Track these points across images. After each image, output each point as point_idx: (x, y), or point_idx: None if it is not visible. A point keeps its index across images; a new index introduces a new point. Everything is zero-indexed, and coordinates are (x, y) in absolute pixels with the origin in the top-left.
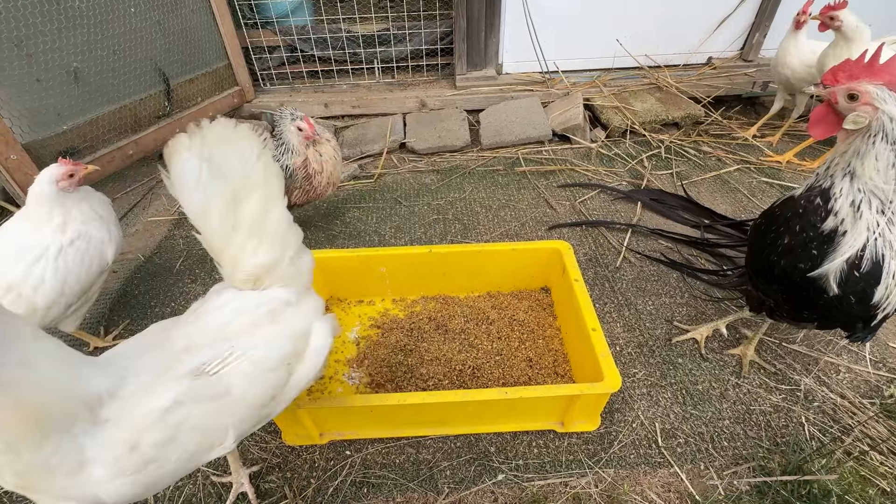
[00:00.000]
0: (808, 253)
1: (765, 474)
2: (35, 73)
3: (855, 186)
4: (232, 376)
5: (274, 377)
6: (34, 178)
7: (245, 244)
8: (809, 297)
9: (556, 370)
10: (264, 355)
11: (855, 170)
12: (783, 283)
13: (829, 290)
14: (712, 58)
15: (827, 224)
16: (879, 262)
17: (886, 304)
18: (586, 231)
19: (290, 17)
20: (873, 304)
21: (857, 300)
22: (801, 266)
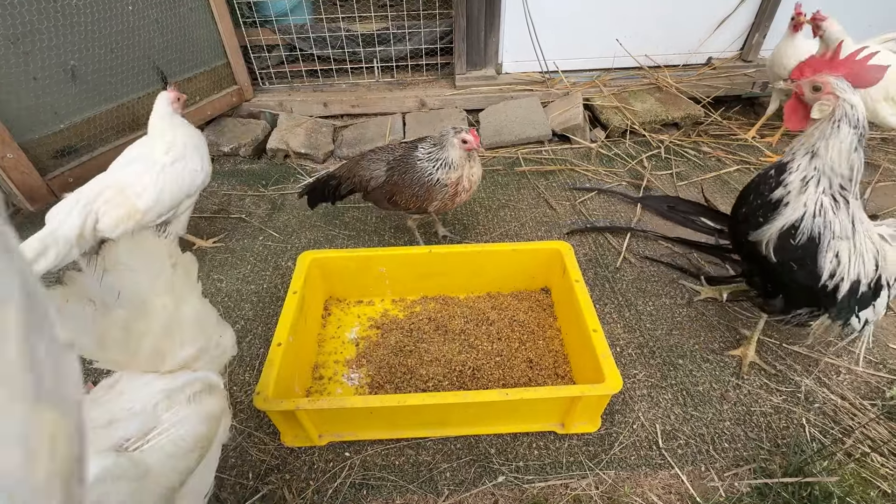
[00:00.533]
0: (755, 220)
1: (766, 476)
2: (31, 71)
3: (812, 165)
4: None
5: (192, 457)
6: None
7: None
8: (762, 266)
9: (557, 371)
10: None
11: (818, 150)
12: (742, 252)
13: (769, 257)
14: (712, 58)
15: (775, 194)
16: (815, 238)
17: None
18: (586, 231)
19: (289, 15)
20: (819, 274)
21: (798, 267)
22: (748, 231)
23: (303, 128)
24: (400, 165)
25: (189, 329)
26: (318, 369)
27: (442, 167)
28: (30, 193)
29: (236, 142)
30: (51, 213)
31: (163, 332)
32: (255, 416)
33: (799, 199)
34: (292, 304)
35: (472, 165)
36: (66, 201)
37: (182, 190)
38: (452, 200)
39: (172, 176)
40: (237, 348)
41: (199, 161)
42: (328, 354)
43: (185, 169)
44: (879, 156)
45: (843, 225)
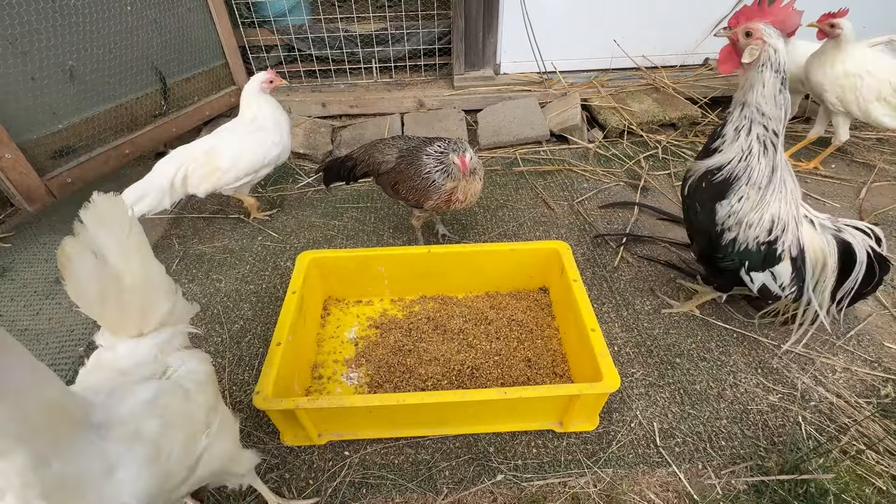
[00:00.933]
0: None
1: (762, 473)
2: (30, 71)
3: (743, 114)
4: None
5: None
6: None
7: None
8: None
9: (555, 370)
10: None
11: (747, 99)
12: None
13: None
14: (709, 59)
15: (714, 144)
16: (731, 180)
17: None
18: (584, 231)
19: (288, 16)
20: (716, 219)
21: (701, 209)
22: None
23: (301, 128)
24: (409, 156)
25: (161, 287)
26: (317, 369)
27: (443, 172)
28: (28, 194)
29: None
30: (155, 166)
31: (144, 289)
32: (254, 416)
33: (732, 147)
34: (291, 303)
35: (472, 181)
36: (167, 157)
37: (258, 158)
38: (447, 204)
39: (251, 145)
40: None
41: (277, 135)
42: (327, 354)
43: (263, 140)
44: (875, 156)
45: (761, 172)
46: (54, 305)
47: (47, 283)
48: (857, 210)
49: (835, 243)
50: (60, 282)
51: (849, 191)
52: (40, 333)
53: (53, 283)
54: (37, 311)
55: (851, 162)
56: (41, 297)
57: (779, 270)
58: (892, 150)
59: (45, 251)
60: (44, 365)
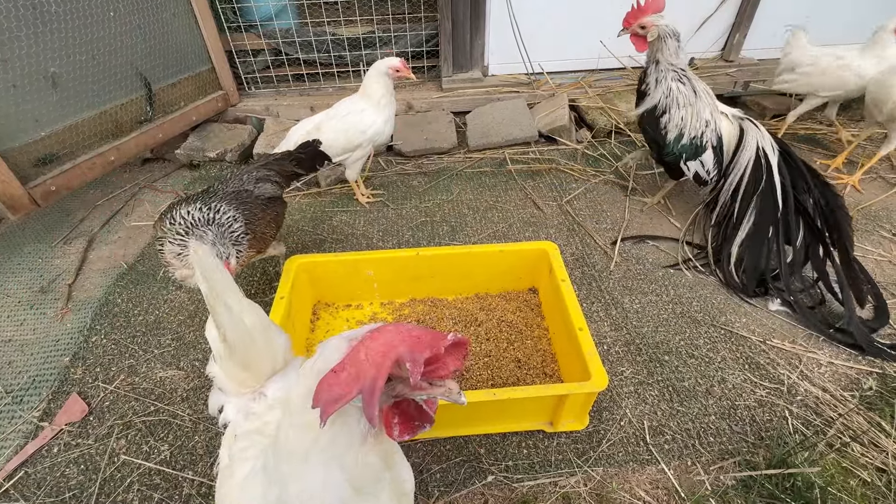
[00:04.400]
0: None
1: (750, 468)
2: (11, 78)
3: (659, 68)
4: None
5: None
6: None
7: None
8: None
9: (545, 370)
10: None
11: (658, 58)
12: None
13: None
14: (694, 58)
15: (642, 88)
16: (664, 109)
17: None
18: (573, 231)
19: (275, 20)
20: (660, 127)
21: (651, 129)
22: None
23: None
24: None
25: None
26: None
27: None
28: (11, 202)
29: (222, 147)
30: (291, 129)
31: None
32: None
33: (656, 91)
34: (280, 309)
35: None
36: (302, 122)
37: (355, 137)
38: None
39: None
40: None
41: (375, 117)
42: None
43: (360, 120)
44: (857, 152)
45: (686, 96)
46: (38, 315)
47: (31, 292)
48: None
49: (738, 129)
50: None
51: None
52: (25, 344)
53: (38, 292)
54: (21, 322)
55: (834, 159)
56: (25, 307)
57: (705, 158)
58: (875, 146)
59: (28, 261)
60: None
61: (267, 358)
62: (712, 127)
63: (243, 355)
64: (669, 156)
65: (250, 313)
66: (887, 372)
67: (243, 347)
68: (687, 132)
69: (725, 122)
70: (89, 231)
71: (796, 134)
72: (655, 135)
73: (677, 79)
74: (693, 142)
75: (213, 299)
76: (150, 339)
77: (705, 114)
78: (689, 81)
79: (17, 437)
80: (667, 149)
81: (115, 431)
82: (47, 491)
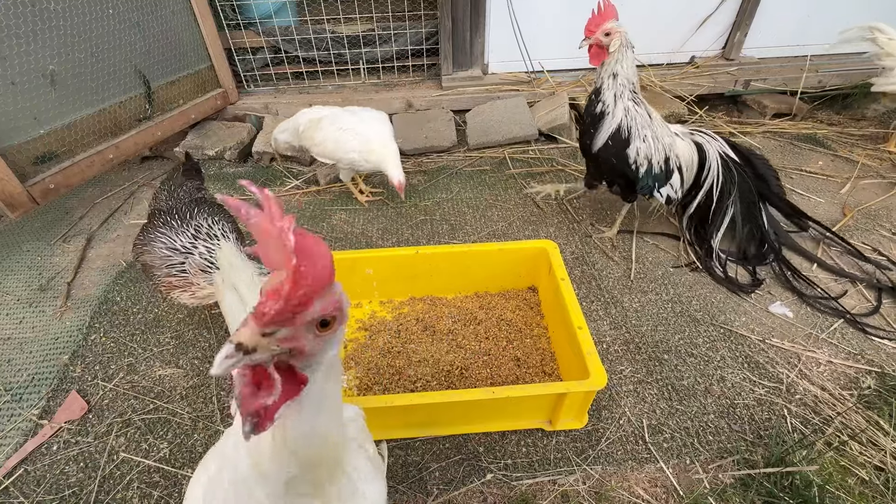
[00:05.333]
0: (588, 131)
1: (748, 467)
2: (9, 76)
3: (617, 82)
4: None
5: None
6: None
7: None
8: (602, 165)
9: (544, 369)
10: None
11: (617, 72)
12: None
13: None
14: (695, 57)
15: (597, 109)
16: (630, 132)
17: (639, 160)
18: (573, 230)
19: (274, 18)
20: (630, 162)
21: (618, 161)
22: (588, 141)
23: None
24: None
25: None
26: None
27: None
28: (9, 201)
29: (221, 145)
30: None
31: None
32: None
33: (616, 109)
34: None
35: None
36: (307, 109)
37: (338, 150)
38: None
39: (335, 136)
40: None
41: (357, 144)
42: None
43: (345, 141)
44: (858, 152)
45: (644, 118)
46: (38, 313)
47: (31, 290)
48: (841, 205)
49: (693, 145)
50: (43, 290)
51: (833, 186)
52: (24, 342)
53: (37, 290)
54: (20, 320)
55: (836, 158)
56: (24, 305)
57: (673, 181)
58: (875, 146)
59: (28, 258)
60: None
61: None
62: (674, 150)
63: None
64: (644, 189)
65: None
66: (886, 371)
67: None
68: (655, 160)
69: (679, 142)
70: (88, 229)
71: (798, 134)
72: (625, 169)
73: (632, 98)
74: (661, 168)
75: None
76: (149, 338)
77: (665, 137)
78: (642, 103)
79: (16, 434)
80: (640, 182)
81: (114, 429)
82: (47, 488)
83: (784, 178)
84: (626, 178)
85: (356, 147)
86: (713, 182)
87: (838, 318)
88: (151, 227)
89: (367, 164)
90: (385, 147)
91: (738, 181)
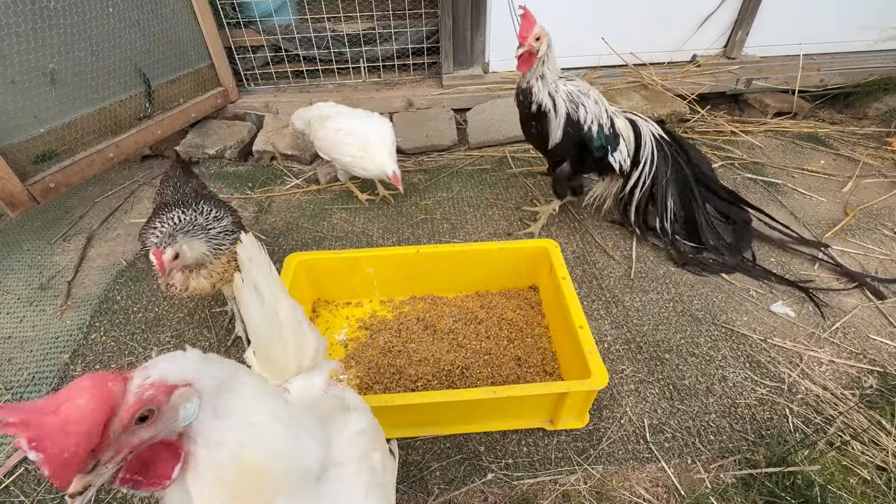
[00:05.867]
0: (530, 125)
1: (750, 467)
2: (9, 74)
3: (546, 81)
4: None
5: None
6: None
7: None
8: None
9: (545, 368)
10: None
11: (544, 73)
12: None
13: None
14: (697, 55)
15: (533, 109)
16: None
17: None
18: (574, 229)
19: (274, 16)
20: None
21: (574, 132)
22: (534, 132)
23: (289, 129)
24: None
25: (304, 320)
26: None
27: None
28: (10, 199)
29: (222, 144)
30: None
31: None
32: None
33: (557, 103)
34: None
35: (192, 277)
36: (319, 104)
37: (334, 151)
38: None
39: (333, 137)
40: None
41: (355, 150)
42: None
43: (342, 143)
44: (860, 150)
45: (581, 90)
46: (38, 312)
47: (31, 289)
48: (843, 204)
49: (628, 123)
50: (44, 289)
51: (835, 185)
52: (24, 341)
53: (37, 289)
54: (21, 319)
55: (837, 157)
56: (25, 303)
57: (621, 149)
58: (877, 146)
59: (28, 257)
60: None
61: (293, 356)
62: (611, 116)
63: (267, 348)
64: (599, 150)
65: (285, 307)
66: (888, 370)
67: (267, 339)
68: (603, 122)
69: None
70: (88, 228)
71: (800, 133)
72: (582, 135)
73: (566, 81)
74: (609, 130)
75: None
76: (149, 337)
77: (603, 103)
78: (573, 78)
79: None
80: (595, 142)
81: None
82: (47, 487)
83: (786, 176)
84: (580, 146)
85: (353, 152)
86: (648, 159)
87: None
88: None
89: (364, 172)
90: (381, 155)
91: (672, 162)
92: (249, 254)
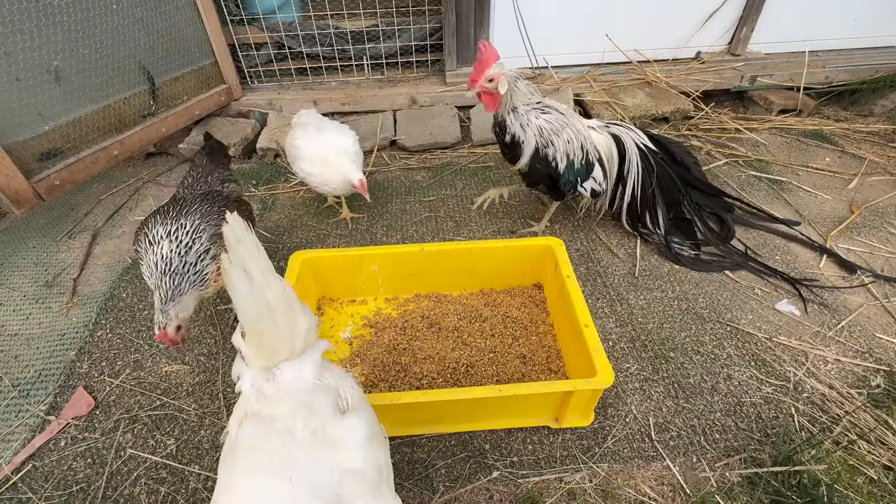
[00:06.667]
0: (508, 153)
1: (756, 465)
2: (14, 72)
3: (519, 113)
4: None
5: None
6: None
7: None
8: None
9: (550, 366)
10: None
11: (516, 105)
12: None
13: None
14: (701, 52)
15: (507, 139)
16: (546, 152)
17: (558, 156)
18: (578, 227)
19: (278, 13)
20: (550, 161)
21: (542, 167)
22: (510, 159)
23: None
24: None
25: (294, 303)
26: None
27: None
28: (15, 197)
29: (225, 141)
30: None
31: (284, 305)
32: None
33: (528, 136)
34: None
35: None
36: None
37: (293, 163)
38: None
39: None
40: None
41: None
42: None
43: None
44: (866, 148)
45: (557, 122)
46: (44, 309)
47: (37, 286)
48: (849, 202)
49: (611, 137)
50: (50, 286)
51: (840, 183)
52: (31, 338)
53: (43, 286)
54: (27, 316)
55: (843, 154)
56: (31, 301)
57: (596, 174)
58: (882, 143)
59: (33, 255)
60: None
61: (284, 338)
62: (591, 141)
63: (257, 331)
64: (567, 185)
65: (275, 288)
66: (895, 369)
67: (257, 322)
68: (574, 156)
69: (595, 135)
70: (93, 225)
71: (805, 130)
72: (549, 171)
73: (540, 113)
74: (581, 163)
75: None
76: (155, 334)
77: (582, 131)
78: (551, 109)
79: (24, 430)
80: (562, 179)
81: (121, 425)
82: (55, 484)
83: (790, 174)
84: (551, 180)
85: (305, 168)
86: (634, 172)
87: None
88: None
89: (325, 188)
90: (343, 163)
91: (658, 169)
92: (236, 234)
